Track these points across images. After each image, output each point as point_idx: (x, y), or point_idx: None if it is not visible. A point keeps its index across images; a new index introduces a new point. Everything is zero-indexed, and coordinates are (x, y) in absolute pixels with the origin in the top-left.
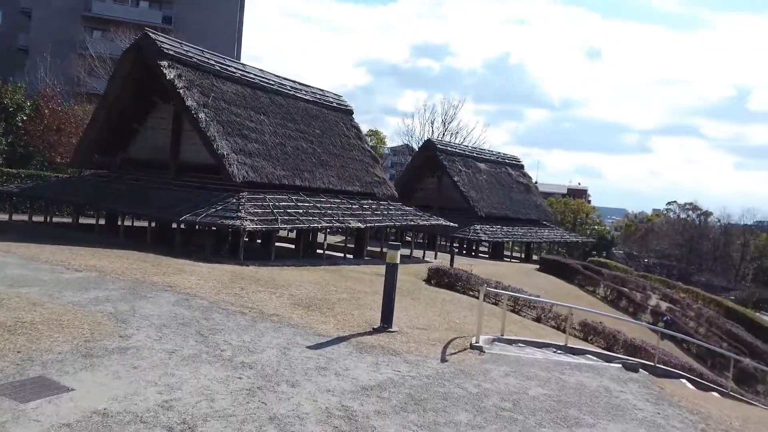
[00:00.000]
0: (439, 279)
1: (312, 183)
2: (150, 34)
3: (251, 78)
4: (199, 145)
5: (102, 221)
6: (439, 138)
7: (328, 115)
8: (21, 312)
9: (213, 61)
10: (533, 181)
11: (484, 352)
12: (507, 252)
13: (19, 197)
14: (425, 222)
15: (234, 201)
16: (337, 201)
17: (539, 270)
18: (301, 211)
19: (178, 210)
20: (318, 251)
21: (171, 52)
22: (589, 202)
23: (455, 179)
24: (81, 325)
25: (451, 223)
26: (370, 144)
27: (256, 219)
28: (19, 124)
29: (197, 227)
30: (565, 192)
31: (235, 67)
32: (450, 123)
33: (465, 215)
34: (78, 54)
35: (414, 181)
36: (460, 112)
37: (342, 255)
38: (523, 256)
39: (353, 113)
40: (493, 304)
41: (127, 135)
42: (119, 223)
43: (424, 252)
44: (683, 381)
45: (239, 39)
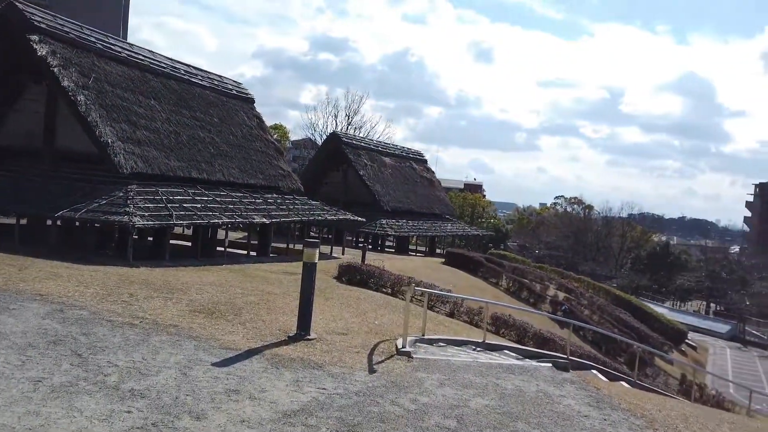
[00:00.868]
0: (351, 276)
1: (211, 175)
2: (17, 3)
3: (140, 59)
4: (79, 132)
5: None
6: (343, 132)
7: (227, 103)
8: None
9: (94, 38)
10: (436, 176)
11: (412, 357)
12: (411, 246)
13: None
14: (333, 217)
15: (121, 195)
16: (239, 195)
17: (445, 263)
18: (199, 206)
19: (54, 205)
20: (219, 249)
21: (43, 25)
22: (484, 196)
23: (361, 173)
24: None
25: (359, 218)
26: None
27: (147, 214)
28: None
29: (77, 224)
30: (462, 187)
31: (121, 47)
32: (354, 117)
33: (371, 210)
34: None
35: (319, 175)
36: (363, 106)
37: (245, 252)
38: (427, 249)
39: (254, 102)
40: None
41: None
42: None
43: (331, 248)
44: (594, 372)
45: (125, 18)
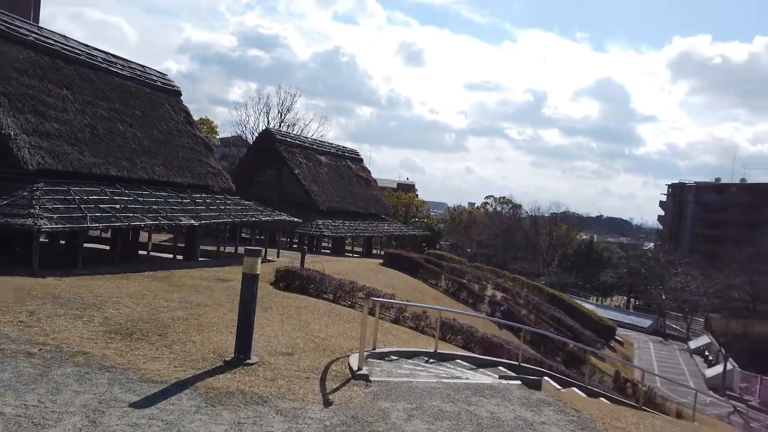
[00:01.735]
0: (290, 282)
1: (132, 173)
2: None
3: (50, 44)
4: None
5: None
6: (277, 129)
7: (151, 95)
8: None
9: None
10: (372, 176)
11: (370, 382)
12: (347, 247)
13: None
14: (267, 217)
15: (25, 194)
16: (164, 194)
17: (383, 265)
18: (118, 207)
19: None
20: (141, 253)
21: None
22: (417, 196)
23: (296, 172)
24: None
25: (295, 218)
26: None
27: (56, 216)
28: None
29: None
30: (395, 187)
31: (28, 29)
32: (287, 114)
33: (306, 210)
34: None
35: (251, 174)
36: (296, 103)
37: (171, 257)
38: (364, 250)
39: (181, 95)
40: (349, 306)
41: None
42: None
43: (265, 250)
44: (546, 379)
45: (36, 6)
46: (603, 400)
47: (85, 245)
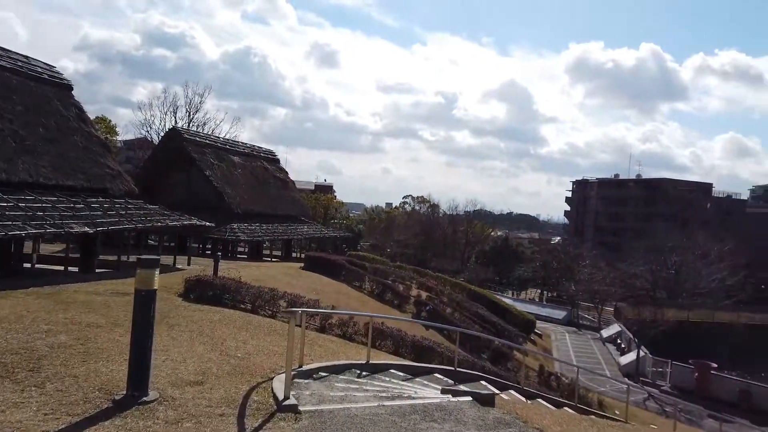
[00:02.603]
0: (201, 292)
1: (12, 175)
2: None
3: None
4: None
5: None
6: (185, 128)
7: (36, 89)
8: None
9: None
10: (289, 177)
11: (299, 413)
12: (266, 251)
13: None
14: (175, 222)
15: None
16: (53, 199)
17: (304, 268)
18: None
19: None
20: (25, 266)
21: None
22: (335, 197)
23: (207, 173)
24: None
25: (207, 223)
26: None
27: None
28: None
29: None
30: (313, 188)
31: None
32: (196, 113)
33: (220, 213)
34: None
35: (158, 177)
36: (206, 102)
37: (62, 269)
38: (283, 254)
39: (72, 89)
40: (270, 317)
41: None
42: None
43: (174, 258)
44: (483, 383)
45: None
46: (544, 403)
47: None
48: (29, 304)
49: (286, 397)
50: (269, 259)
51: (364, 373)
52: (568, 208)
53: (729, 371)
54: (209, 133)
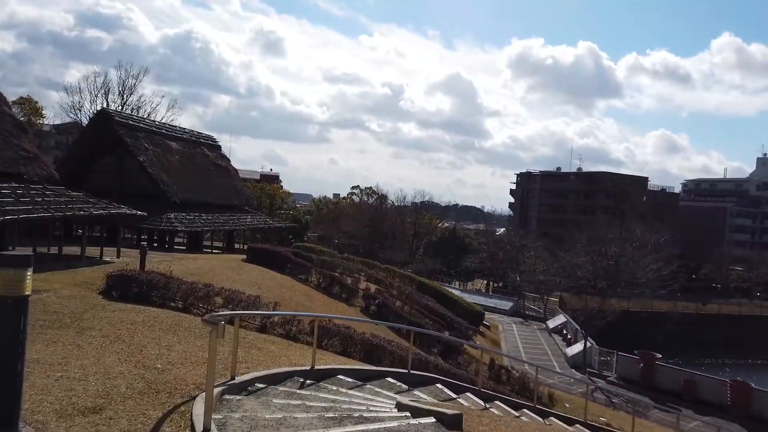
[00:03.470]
0: (126, 289)
1: None
2: None
3: None
4: None
5: None
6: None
7: None
8: None
9: None
10: (231, 164)
11: None
12: (207, 242)
13: None
14: (101, 211)
15: None
16: None
17: (247, 261)
18: None
19: None
20: None
21: None
22: (282, 187)
23: (141, 159)
24: None
25: (138, 212)
26: (14, 111)
27: None
28: None
29: None
30: (259, 178)
31: None
32: (130, 96)
33: (156, 202)
34: None
35: (86, 162)
36: (140, 84)
37: None
38: (225, 245)
39: None
40: (200, 315)
41: None
42: None
43: (101, 249)
44: (439, 386)
45: None
46: (503, 406)
47: None
48: None
49: (206, 429)
50: (210, 251)
51: (308, 382)
52: (512, 200)
53: (668, 359)
54: (144, 117)
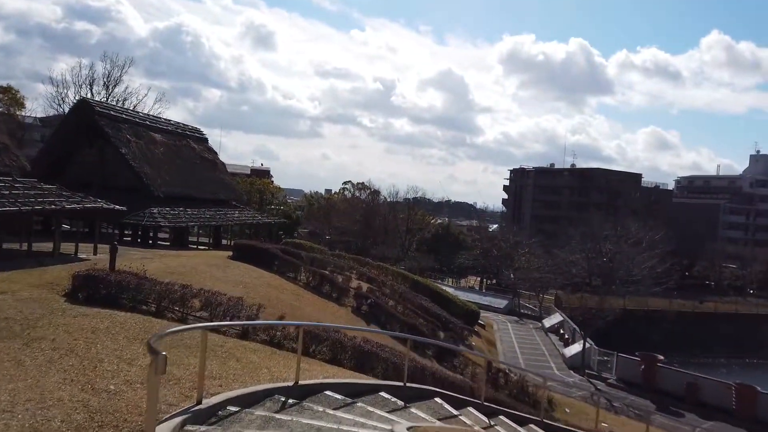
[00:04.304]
0: (93, 291)
1: None
2: None
3: None
4: None
5: None
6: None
7: None
8: None
9: None
10: (219, 158)
11: None
12: (193, 238)
13: None
14: (75, 205)
15: None
16: None
17: (233, 258)
18: None
19: None
20: None
21: None
22: (272, 182)
23: (123, 151)
24: None
25: (116, 206)
26: None
27: None
28: None
29: None
30: (249, 173)
31: None
32: (115, 87)
33: (139, 196)
34: None
35: (66, 154)
36: (129, 78)
37: None
38: (212, 241)
39: None
40: (178, 320)
41: None
42: None
43: (76, 246)
44: (438, 400)
45: None
46: (507, 422)
47: None
48: None
49: None
50: (195, 247)
51: (290, 402)
52: (505, 196)
53: (665, 358)
54: (128, 109)
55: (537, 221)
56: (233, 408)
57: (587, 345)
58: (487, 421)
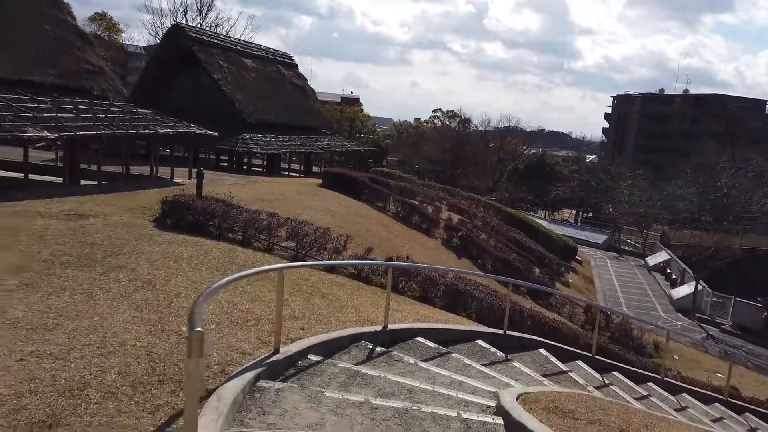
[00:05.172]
0: (180, 217)
1: None
2: None
3: None
4: None
5: None
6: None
7: None
8: None
9: None
10: (308, 84)
11: None
12: (284, 165)
13: None
14: (168, 130)
15: None
16: (11, 97)
17: (322, 186)
18: None
19: None
20: (17, 176)
21: None
22: (362, 111)
23: (216, 77)
24: None
25: (209, 132)
26: (85, 25)
27: None
28: None
29: None
30: (339, 101)
31: None
32: (207, 13)
33: (232, 122)
34: None
35: (162, 81)
36: (219, 2)
37: (60, 180)
38: (303, 168)
39: None
40: (264, 250)
41: None
42: None
43: (171, 170)
44: (543, 352)
45: None
46: (623, 379)
47: None
48: None
49: None
50: (286, 174)
51: (378, 351)
52: (605, 124)
53: None
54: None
55: (641, 152)
56: (315, 357)
57: (699, 287)
58: (601, 379)
